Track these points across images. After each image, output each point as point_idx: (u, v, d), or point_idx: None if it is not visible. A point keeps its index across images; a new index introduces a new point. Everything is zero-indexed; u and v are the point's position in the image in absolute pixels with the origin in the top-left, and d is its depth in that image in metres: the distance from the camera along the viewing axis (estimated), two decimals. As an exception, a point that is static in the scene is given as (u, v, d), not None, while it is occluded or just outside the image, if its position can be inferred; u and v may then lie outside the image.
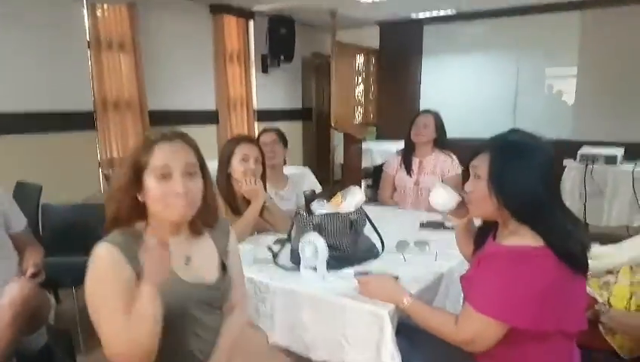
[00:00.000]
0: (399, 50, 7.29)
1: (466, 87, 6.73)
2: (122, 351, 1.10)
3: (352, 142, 6.24)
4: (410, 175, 3.04)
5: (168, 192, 1.20)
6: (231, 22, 5.71)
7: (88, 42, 4.31)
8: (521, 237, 1.22)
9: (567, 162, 5.07)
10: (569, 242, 1.19)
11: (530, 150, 1.26)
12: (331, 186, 6.70)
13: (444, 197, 1.54)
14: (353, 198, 1.79)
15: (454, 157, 3.06)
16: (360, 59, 7.69)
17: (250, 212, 2.07)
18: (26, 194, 3.13)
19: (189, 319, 1.27)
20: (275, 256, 1.81)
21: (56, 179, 3.68)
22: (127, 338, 1.09)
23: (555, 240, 1.18)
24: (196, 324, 1.29)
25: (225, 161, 2.14)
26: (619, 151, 4.25)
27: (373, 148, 6.51)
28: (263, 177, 2.19)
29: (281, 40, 6.31)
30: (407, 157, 3.10)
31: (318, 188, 4.39)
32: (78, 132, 4.31)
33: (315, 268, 1.57)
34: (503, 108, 6.47)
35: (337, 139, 6.69)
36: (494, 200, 1.25)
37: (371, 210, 2.37)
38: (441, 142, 3.09)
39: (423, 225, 2.34)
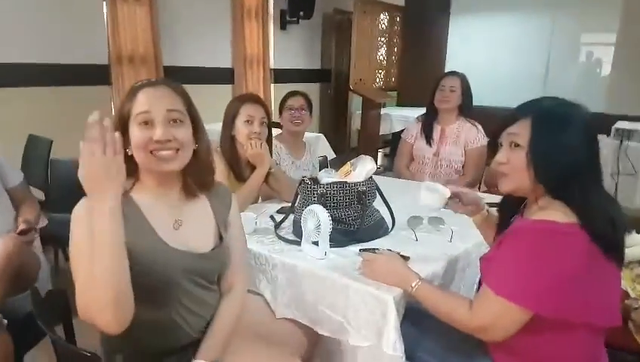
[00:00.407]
0: (426, 9, 6.95)
1: (495, 51, 6.40)
2: (95, 306, 0.98)
3: (371, 108, 6.04)
4: (430, 144, 2.85)
5: (149, 139, 1.11)
6: (250, -26, 5.49)
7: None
8: (550, 213, 1.08)
9: (601, 137, 4.82)
10: (606, 223, 1.06)
11: (575, 120, 1.12)
12: (346, 154, 6.55)
13: (429, 199, 1.47)
14: (363, 168, 1.65)
15: (480, 127, 2.86)
16: (384, 18, 7.34)
17: (255, 178, 1.97)
18: (37, 148, 3.13)
19: (174, 289, 1.16)
20: (277, 226, 1.71)
21: (68, 134, 3.62)
22: (85, 286, 0.99)
23: (592, 218, 1.05)
24: (185, 296, 1.19)
25: (229, 122, 2.01)
26: (655, 128, 4.00)
27: (393, 115, 6.31)
28: (269, 141, 2.07)
29: (301, -6, 6.05)
30: (428, 124, 2.88)
31: (332, 155, 4.28)
32: (91, 86, 4.24)
33: (316, 243, 1.46)
34: (533, 74, 6.16)
35: (356, 104, 6.49)
36: (532, 173, 1.12)
37: (385, 181, 2.26)
38: (467, 109, 2.86)
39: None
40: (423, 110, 6.74)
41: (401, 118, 6.26)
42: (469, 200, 1.48)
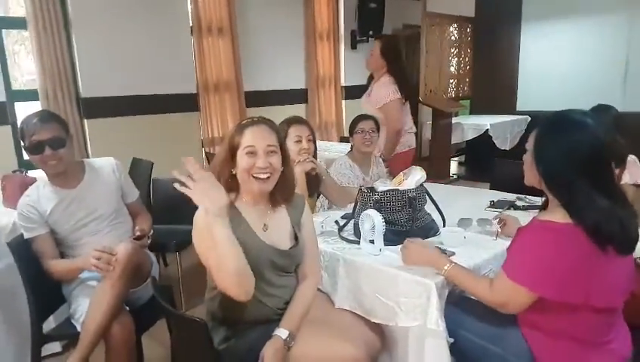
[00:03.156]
0: (496, 18, 6.94)
1: (569, 56, 6.25)
2: (227, 284, 1.39)
3: (442, 117, 6.13)
4: None
5: (253, 165, 1.49)
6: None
7: (191, 28, 4.69)
8: (553, 214, 1.30)
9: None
10: (604, 221, 1.23)
11: (572, 128, 1.30)
12: (418, 164, 6.65)
13: (452, 239, 1.79)
14: (414, 177, 1.89)
15: None
16: (453, 30, 7.43)
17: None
18: (140, 169, 3.56)
19: (260, 277, 1.51)
20: (340, 229, 1.97)
21: (165, 156, 4.10)
22: (217, 270, 1.39)
23: (584, 217, 1.24)
24: (267, 285, 1.55)
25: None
26: None
27: (465, 123, 6.35)
28: (314, 155, 2.30)
29: (370, 14, 6.32)
30: None
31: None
32: (183, 113, 4.77)
33: (372, 241, 1.71)
34: (610, 79, 5.92)
35: (426, 114, 6.61)
36: (535, 170, 1.34)
37: (444, 189, 2.44)
38: None
39: (492, 204, 2.35)
40: (495, 118, 6.70)
41: (473, 126, 6.29)
42: (508, 230, 1.78)
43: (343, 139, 5.44)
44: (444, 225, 1.95)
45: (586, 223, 1.23)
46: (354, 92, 6.43)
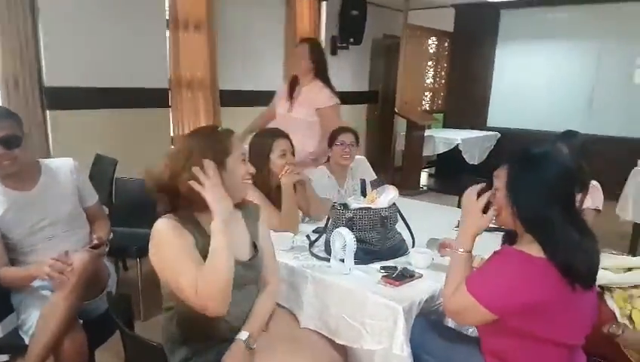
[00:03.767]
0: (474, 34, 7.08)
1: (541, 77, 6.45)
2: (210, 297, 1.30)
3: (415, 129, 6.20)
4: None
5: (246, 172, 1.52)
6: (303, 3, 5.77)
7: (167, 21, 4.53)
8: (528, 246, 1.30)
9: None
10: (575, 257, 1.24)
11: (545, 164, 1.31)
12: (391, 174, 6.70)
13: (417, 260, 1.78)
14: (387, 196, 1.88)
15: None
16: (432, 43, 7.52)
17: (290, 200, 2.14)
18: (103, 167, 3.41)
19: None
20: (311, 244, 1.94)
21: (130, 154, 3.91)
22: (207, 280, 1.30)
23: (559, 254, 1.25)
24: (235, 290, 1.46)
25: (264, 157, 2.18)
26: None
27: (437, 136, 6.44)
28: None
29: (352, 21, 6.33)
30: None
31: (372, 176, 4.46)
32: (153, 108, 4.58)
33: (343, 260, 1.69)
34: (578, 101, 6.15)
35: (400, 126, 6.67)
36: (509, 211, 1.33)
37: (413, 205, 2.45)
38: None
39: (459, 224, 2.36)
40: (467, 133, 6.82)
41: (444, 140, 6.39)
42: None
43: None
44: (413, 245, 1.94)
45: (559, 261, 1.24)
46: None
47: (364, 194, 2.82)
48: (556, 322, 1.27)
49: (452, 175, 6.45)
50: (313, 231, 2.13)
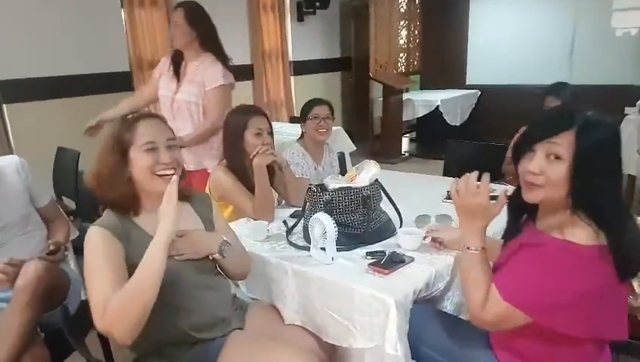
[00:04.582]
0: (446, -11, 6.82)
1: (518, 29, 6.25)
2: (116, 316, 1.13)
3: (393, 94, 5.99)
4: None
5: (156, 162, 1.32)
6: (264, -33, 5.49)
7: (121, 0, 4.26)
8: (573, 232, 1.08)
9: (630, 110, 4.64)
10: (633, 249, 1.05)
11: (616, 140, 1.11)
12: (370, 142, 6.53)
13: (406, 242, 1.60)
14: (368, 172, 1.69)
15: None
16: (402, 2, 7.24)
17: (263, 185, 1.96)
18: (65, 160, 3.25)
19: (184, 284, 1.34)
20: (288, 232, 1.77)
21: (95, 144, 3.74)
22: (123, 300, 1.13)
23: (623, 247, 1.04)
24: (195, 288, 1.37)
25: (237, 137, 2.02)
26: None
27: (415, 99, 6.25)
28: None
29: (316, -16, 6.02)
30: None
31: (351, 148, 4.30)
32: (115, 93, 4.32)
33: (324, 249, 1.52)
34: (558, 50, 5.99)
35: (377, 91, 6.46)
36: (566, 188, 1.09)
37: (396, 177, 2.28)
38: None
39: (449, 196, 2.20)
40: (446, 93, 6.67)
41: (423, 102, 6.20)
42: (451, 241, 1.55)
43: (293, 120, 5.19)
44: (400, 225, 1.77)
45: (622, 254, 1.04)
46: (304, 67, 6.18)
47: (343, 170, 2.67)
48: (606, 320, 1.09)
49: (434, 138, 6.26)
50: (290, 216, 1.96)
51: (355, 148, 4.35)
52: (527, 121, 1.25)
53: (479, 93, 6.71)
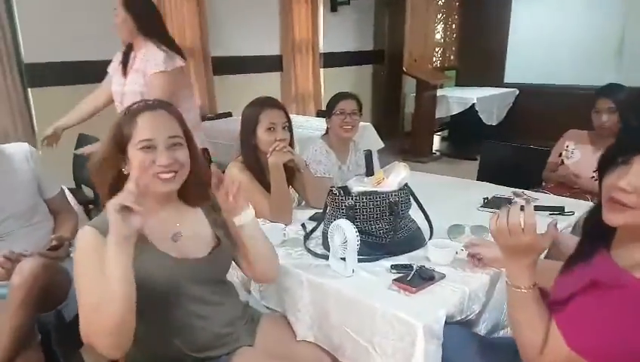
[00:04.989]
0: (486, -17, 6.52)
1: (561, 27, 5.90)
2: (93, 330, 1.03)
3: (426, 89, 5.76)
4: None
5: (152, 163, 1.17)
6: (299, -44, 5.34)
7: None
8: None
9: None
10: None
11: None
12: (400, 140, 6.30)
13: (437, 256, 1.45)
14: (397, 176, 1.52)
15: None
16: (441, -6, 6.97)
17: (280, 186, 1.81)
18: None
19: (184, 298, 1.22)
20: (306, 237, 1.62)
21: None
22: (92, 314, 1.03)
23: None
24: (200, 303, 1.25)
25: (249, 131, 1.87)
26: None
27: (450, 96, 5.99)
28: (291, 145, 1.92)
29: (352, -27, 5.83)
30: None
31: (380, 145, 4.11)
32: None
33: (344, 259, 1.37)
34: (604, 51, 5.61)
35: (410, 86, 6.22)
36: None
37: (426, 180, 2.11)
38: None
39: (486, 203, 2.02)
40: (482, 90, 6.38)
41: (458, 99, 5.93)
42: (492, 258, 1.36)
43: (320, 113, 5.04)
44: (430, 236, 1.59)
45: None
46: (334, 59, 6.01)
47: (369, 170, 2.50)
48: None
49: (468, 138, 5.98)
50: (310, 219, 1.80)
51: (383, 145, 4.17)
52: (568, 123, 1.04)
53: (517, 92, 6.39)
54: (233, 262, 1.38)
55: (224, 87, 4.79)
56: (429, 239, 1.56)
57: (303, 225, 1.73)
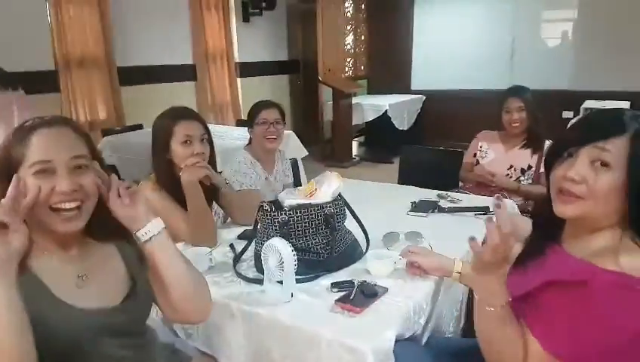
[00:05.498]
0: (389, -6, 6.76)
1: (461, 34, 6.29)
2: None
3: (342, 98, 5.85)
4: None
5: (50, 191, 0.94)
6: (206, -33, 5.19)
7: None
8: (631, 261, 0.86)
9: (567, 114, 4.72)
10: None
11: None
12: (321, 146, 6.33)
13: (376, 268, 1.38)
14: (329, 186, 1.44)
15: None
16: (349, 6, 7.11)
17: (197, 207, 1.63)
18: None
19: (89, 350, 0.98)
20: (236, 260, 1.48)
21: None
22: None
23: None
24: (103, 357, 1.00)
25: (162, 145, 1.68)
26: (625, 105, 3.87)
27: (364, 103, 6.16)
28: (212, 159, 1.77)
29: (262, -16, 5.76)
30: None
31: (304, 153, 4.06)
32: (38, 95, 3.86)
33: (281, 282, 1.26)
34: (499, 56, 6.08)
35: (326, 95, 6.28)
36: (614, 203, 0.91)
37: (354, 188, 2.07)
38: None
39: (414, 207, 2.01)
40: (393, 97, 6.62)
41: (372, 106, 6.11)
42: (431, 267, 1.32)
43: (240, 123, 4.89)
44: (367, 247, 1.53)
45: None
46: (250, 69, 5.90)
47: (296, 178, 2.41)
48: None
49: (383, 142, 6.21)
50: (239, 238, 1.67)
51: (307, 153, 4.12)
52: (472, 125, 1.04)
53: (424, 98, 6.71)
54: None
55: (134, 98, 4.50)
56: (367, 250, 1.50)
57: (232, 246, 1.59)
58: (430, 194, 2.20)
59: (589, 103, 3.97)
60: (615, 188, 0.90)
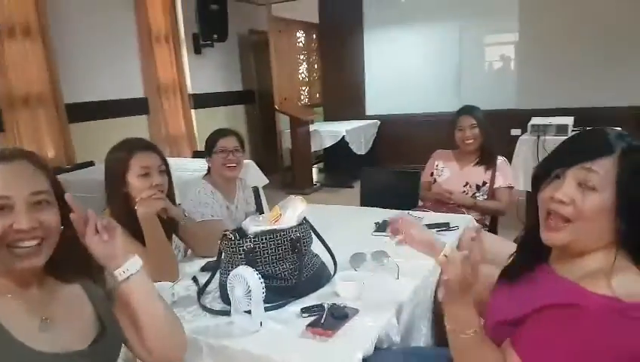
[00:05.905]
0: (339, 24, 6.95)
1: (411, 60, 6.50)
2: None
3: (299, 125, 5.89)
4: None
5: (8, 229, 0.89)
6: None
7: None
8: (624, 284, 0.85)
9: (515, 132, 4.93)
10: None
11: None
12: (281, 174, 6.32)
13: (345, 291, 1.36)
14: (294, 211, 1.43)
15: None
16: (300, 36, 7.25)
17: (155, 241, 1.56)
18: None
19: None
20: (200, 292, 1.43)
21: None
22: None
23: None
24: None
25: (117, 179, 1.61)
26: (569, 120, 4.11)
27: (322, 130, 6.21)
28: (170, 191, 1.71)
29: (212, 17, 5.75)
30: None
31: (264, 181, 4.02)
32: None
33: (249, 311, 1.22)
34: (447, 79, 6.32)
35: (284, 123, 6.30)
36: (602, 224, 0.90)
37: (319, 211, 2.06)
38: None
39: (378, 227, 2.01)
40: (349, 124, 6.75)
41: (330, 133, 6.18)
42: (423, 240, 1.22)
43: (196, 154, 4.81)
44: (335, 269, 1.51)
45: None
46: (204, 100, 5.86)
47: (259, 206, 2.37)
48: None
49: (342, 167, 6.27)
50: (201, 270, 1.62)
51: (267, 181, 4.09)
52: (425, 146, 1.04)
53: (378, 122, 6.86)
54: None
55: (84, 134, 4.36)
56: (335, 273, 1.48)
57: (195, 279, 1.53)
58: (392, 215, 2.21)
59: (536, 120, 4.14)
60: (604, 209, 0.90)
